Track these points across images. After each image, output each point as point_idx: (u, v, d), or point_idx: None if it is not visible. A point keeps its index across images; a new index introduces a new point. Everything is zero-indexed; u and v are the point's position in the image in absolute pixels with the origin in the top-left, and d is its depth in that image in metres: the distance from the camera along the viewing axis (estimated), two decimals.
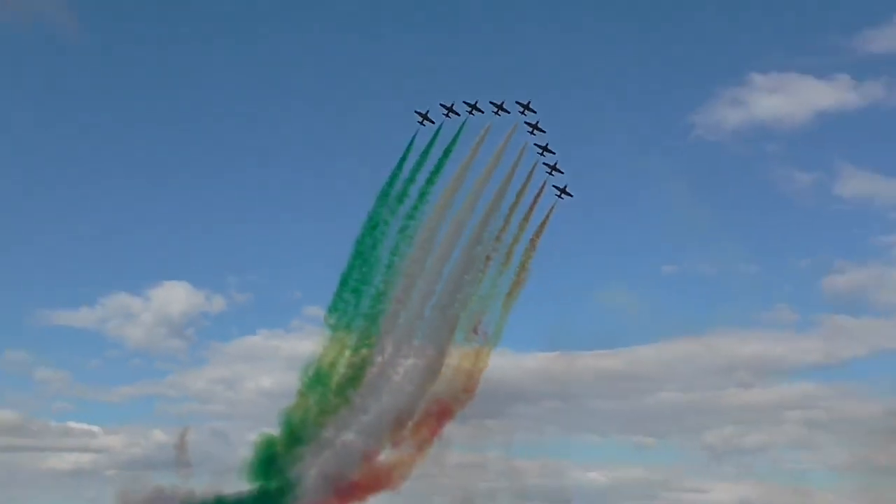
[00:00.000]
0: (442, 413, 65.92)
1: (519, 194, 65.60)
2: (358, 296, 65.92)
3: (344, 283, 66.57)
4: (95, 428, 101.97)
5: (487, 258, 66.09)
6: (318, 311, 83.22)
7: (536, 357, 57.35)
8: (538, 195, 65.21)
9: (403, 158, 67.69)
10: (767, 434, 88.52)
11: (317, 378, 63.76)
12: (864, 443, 66.44)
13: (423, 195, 66.81)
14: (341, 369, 63.74)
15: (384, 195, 67.81)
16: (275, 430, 63.86)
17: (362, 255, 67.09)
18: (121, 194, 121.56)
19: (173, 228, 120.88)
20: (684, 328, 74.88)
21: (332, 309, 65.47)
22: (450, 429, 61.62)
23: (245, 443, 62.30)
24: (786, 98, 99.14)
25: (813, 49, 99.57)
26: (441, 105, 67.23)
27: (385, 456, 64.40)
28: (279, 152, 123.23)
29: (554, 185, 65.63)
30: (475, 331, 64.84)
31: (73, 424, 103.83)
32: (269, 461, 64.85)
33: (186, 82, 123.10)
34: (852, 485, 65.73)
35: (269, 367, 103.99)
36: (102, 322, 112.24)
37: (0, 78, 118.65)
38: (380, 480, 64.57)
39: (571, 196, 65.54)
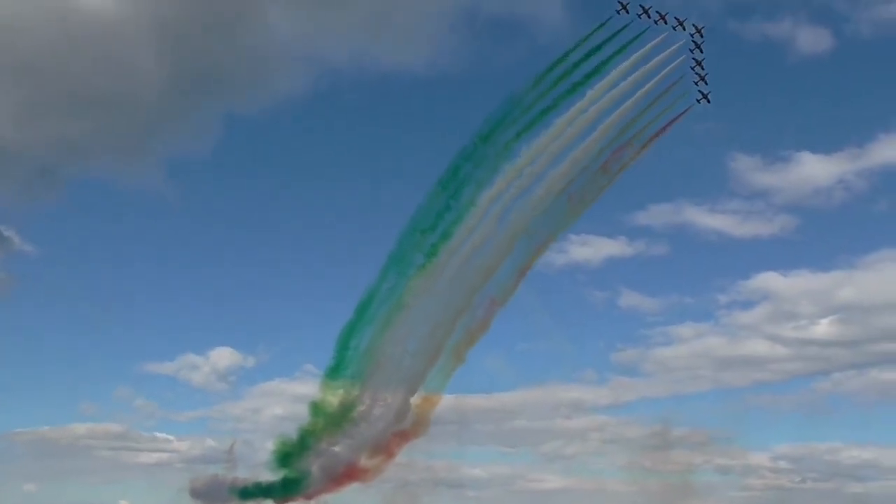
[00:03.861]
0: (404, 439, 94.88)
1: None
2: (351, 353, 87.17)
3: (342, 342, 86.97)
4: (171, 437, 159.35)
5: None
6: (312, 367, 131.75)
7: (447, 398, 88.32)
8: None
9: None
10: (580, 447, 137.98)
11: (319, 410, 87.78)
12: (636, 453, 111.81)
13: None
14: (336, 407, 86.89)
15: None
16: (288, 439, 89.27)
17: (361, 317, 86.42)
18: (191, 285, 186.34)
19: (226, 311, 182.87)
20: (532, 381, 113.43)
21: (332, 366, 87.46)
22: None
23: (265, 449, 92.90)
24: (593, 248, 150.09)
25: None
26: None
27: (364, 461, 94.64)
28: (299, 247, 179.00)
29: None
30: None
31: (157, 434, 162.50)
32: (286, 457, 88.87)
33: None
34: (630, 478, 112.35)
35: (280, 402, 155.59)
36: (178, 371, 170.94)
37: None
38: (359, 476, 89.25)
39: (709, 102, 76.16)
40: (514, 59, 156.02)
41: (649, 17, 74.89)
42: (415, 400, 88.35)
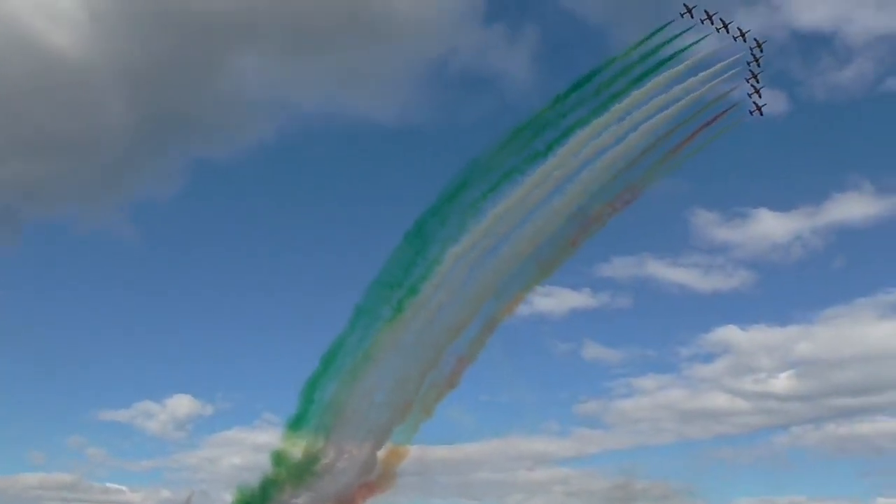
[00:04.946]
0: (369, 492, 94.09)
1: None
2: (316, 404, 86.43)
3: (306, 393, 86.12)
4: (125, 488, 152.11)
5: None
6: (272, 416, 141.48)
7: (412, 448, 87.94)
8: None
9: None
10: (543, 499, 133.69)
11: (282, 460, 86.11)
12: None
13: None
14: (299, 458, 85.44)
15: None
16: (249, 489, 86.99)
17: (327, 368, 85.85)
18: (150, 330, 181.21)
19: (185, 357, 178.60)
20: (495, 432, 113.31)
21: (296, 416, 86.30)
22: None
23: (222, 500, 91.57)
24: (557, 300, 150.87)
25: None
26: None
27: None
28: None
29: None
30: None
31: (109, 485, 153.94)
32: None
33: None
34: None
35: (239, 451, 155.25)
36: (133, 418, 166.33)
37: None
38: None
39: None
40: (483, 114, 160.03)
41: (712, 22, 74.99)
42: (381, 453, 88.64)
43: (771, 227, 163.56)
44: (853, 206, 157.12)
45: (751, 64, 76.16)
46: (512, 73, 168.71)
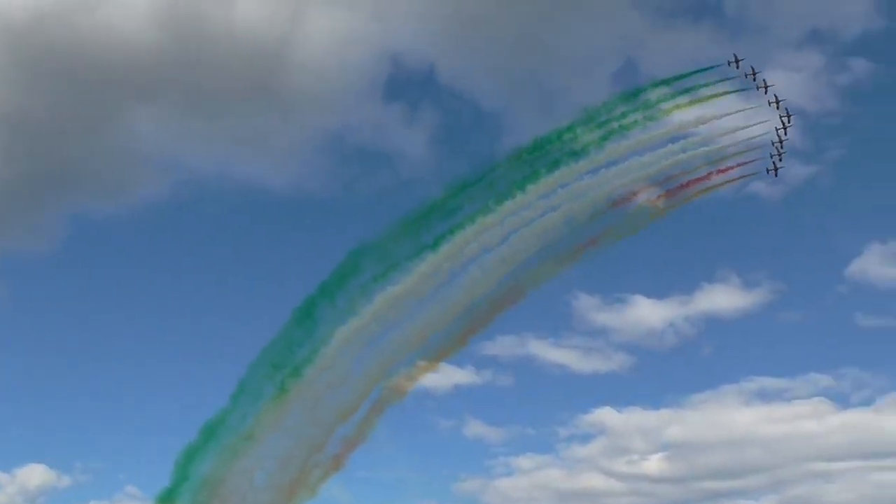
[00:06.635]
0: None
1: None
2: (190, 480, 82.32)
3: (180, 467, 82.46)
4: None
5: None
6: (136, 490, 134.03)
7: None
8: None
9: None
10: None
11: None
12: None
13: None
14: None
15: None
16: None
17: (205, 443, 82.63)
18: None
19: (41, 424, 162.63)
20: None
21: (166, 491, 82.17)
22: None
23: None
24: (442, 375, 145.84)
25: None
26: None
27: None
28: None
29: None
30: None
31: None
32: None
33: None
34: None
35: None
36: None
37: None
38: None
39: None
40: (378, 188, 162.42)
41: (754, 79, 76.50)
42: None
43: (647, 313, 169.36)
44: (722, 298, 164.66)
45: (779, 130, 77.98)
46: (408, 152, 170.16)
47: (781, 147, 78.79)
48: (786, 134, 78.16)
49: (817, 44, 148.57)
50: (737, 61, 77.15)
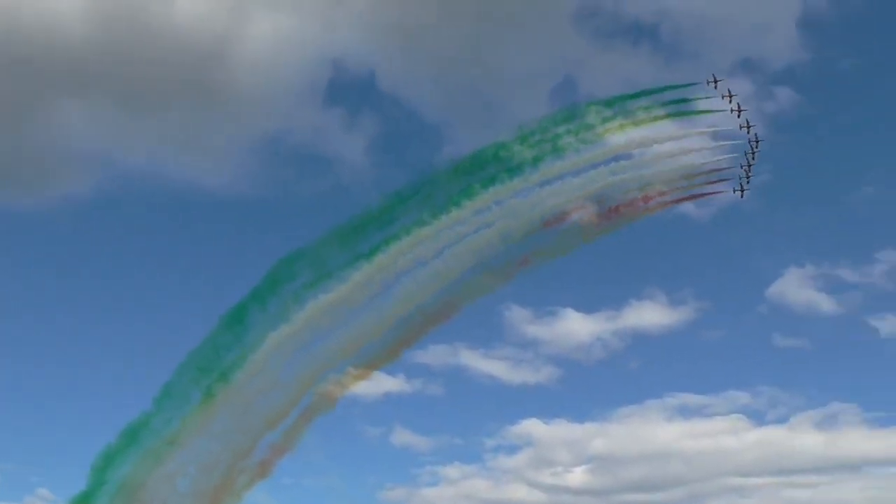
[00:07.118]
0: None
1: None
2: (108, 484, 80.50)
3: (98, 470, 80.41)
4: None
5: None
6: (48, 493, 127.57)
7: None
8: None
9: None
10: None
11: None
12: None
13: None
14: None
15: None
16: None
17: (125, 446, 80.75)
18: None
19: None
20: None
21: (82, 494, 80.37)
22: None
23: None
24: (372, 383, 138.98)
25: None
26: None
27: None
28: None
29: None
30: None
31: None
32: None
33: None
34: None
35: None
36: None
37: None
38: None
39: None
40: (315, 193, 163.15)
41: (731, 101, 78.24)
42: None
43: (576, 326, 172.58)
44: (648, 315, 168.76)
45: (747, 154, 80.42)
46: (347, 157, 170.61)
47: (749, 171, 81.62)
48: (754, 158, 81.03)
49: (748, 72, 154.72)
50: (715, 81, 79.30)
